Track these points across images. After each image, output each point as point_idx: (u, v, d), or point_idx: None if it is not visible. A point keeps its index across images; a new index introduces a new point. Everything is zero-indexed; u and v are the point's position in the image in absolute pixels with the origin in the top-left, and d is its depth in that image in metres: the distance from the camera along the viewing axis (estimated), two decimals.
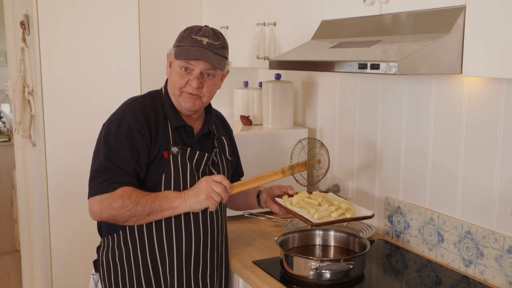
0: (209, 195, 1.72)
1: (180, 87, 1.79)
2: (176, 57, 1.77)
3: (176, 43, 1.82)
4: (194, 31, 1.79)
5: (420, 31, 1.61)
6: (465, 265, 1.85)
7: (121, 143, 1.73)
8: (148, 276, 1.80)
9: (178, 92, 1.80)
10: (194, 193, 1.73)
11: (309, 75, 2.62)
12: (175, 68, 1.80)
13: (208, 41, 1.77)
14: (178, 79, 1.79)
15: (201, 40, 1.77)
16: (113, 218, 1.72)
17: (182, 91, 1.80)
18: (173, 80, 1.81)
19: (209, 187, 1.73)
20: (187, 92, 1.79)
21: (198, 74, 1.77)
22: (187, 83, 1.78)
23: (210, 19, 2.94)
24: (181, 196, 1.74)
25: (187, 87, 1.79)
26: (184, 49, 1.77)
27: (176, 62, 1.79)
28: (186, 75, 1.78)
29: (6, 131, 5.25)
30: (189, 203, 1.73)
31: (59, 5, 2.70)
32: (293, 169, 1.93)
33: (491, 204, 1.76)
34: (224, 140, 1.95)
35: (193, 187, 1.76)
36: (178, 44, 1.80)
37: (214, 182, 1.74)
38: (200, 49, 1.76)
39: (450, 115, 1.88)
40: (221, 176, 1.77)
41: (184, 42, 1.78)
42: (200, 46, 1.76)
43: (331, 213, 1.84)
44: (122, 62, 2.86)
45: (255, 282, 1.80)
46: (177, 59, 1.77)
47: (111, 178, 1.71)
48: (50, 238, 2.79)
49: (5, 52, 4.71)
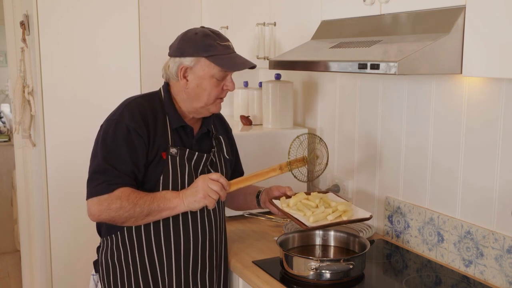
0: (207, 194, 1.72)
1: (217, 96, 1.79)
2: (226, 67, 1.74)
3: (203, 53, 1.73)
4: (217, 38, 1.76)
5: (420, 31, 1.61)
6: (465, 265, 1.85)
7: (119, 144, 1.73)
8: (147, 277, 1.80)
9: (213, 101, 1.79)
10: (192, 193, 1.73)
11: (309, 75, 2.62)
12: (207, 78, 1.75)
13: (231, 44, 1.80)
14: (215, 89, 1.77)
15: (229, 45, 1.78)
16: (112, 219, 1.72)
17: (217, 98, 1.80)
18: (205, 92, 1.77)
19: (206, 185, 1.72)
20: (220, 98, 1.81)
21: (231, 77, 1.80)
22: (223, 89, 1.79)
23: (210, 19, 2.95)
24: (179, 196, 1.73)
25: (223, 93, 1.80)
26: (226, 58, 1.75)
27: (209, 72, 1.74)
28: (220, 82, 1.78)
29: (6, 131, 5.25)
30: (187, 203, 1.73)
31: (59, 5, 2.70)
32: (291, 165, 1.92)
33: (491, 204, 1.76)
34: (222, 139, 1.95)
35: (190, 187, 1.75)
36: (212, 53, 1.73)
37: (211, 180, 1.73)
38: (238, 55, 1.79)
39: (450, 115, 1.88)
40: (217, 174, 1.76)
41: (217, 50, 1.74)
42: (232, 52, 1.79)
43: (327, 216, 1.84)
44: (122, 62, 2.86)
45: (255, 282, 1.80)
46: (229, 70, 1.75)
47: (109, 180, 1.70)
48: (50, 238, 2.80)
49: (5, 52, 4.71)
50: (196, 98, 1.78)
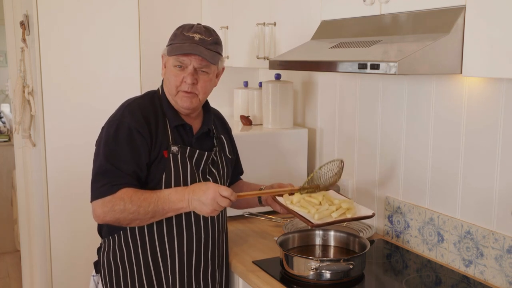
0: (214, 209, 1.71)
1: (176, 85, 1.79)
2: (169, 53, 1.79)
3: (169, 42, 1.83)
4: (186, 29, 1.80)
5: (420, 31, 1.61)
6: (465, 265, 1.85)
7: (121, 145, 1.73)
8: (150, 277, 1.80)
9: (175, 92, 1.80)
10: (200, 203, 1.70)
11: (309, 75, 2.62)
12: (169, 67, 1.81)
13: (200, 37, 1.78)
14: (173, 78, 1.79)
15: (193, 36, 1.78)
16: (117, 221, 1.72)
17: (178, 90, 1.80)
18: (168, 80, 1.82)
19: (216, 202, 1.69)
20: (183, 91, 1.80)
21: (192, 70, 1.78)
22: (182, 81, 1.79)
23: (210, 19, 2.95)
24: (185, 199, 1.71)
25: (183, 85, 1.79)
26: (176, 46, 1.78)
27: (170, 61, 1.80)
28: (181, 73, 1.78)
29: (6, 131, 5.25)
30: (192, 208, 1.72)
31: (59, 5, 2.70)
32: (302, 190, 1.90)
33: (491, 204, 1.75)
34: (224, 139, 1.95)
35: (199, 191, 1.70)
36: (171, 42, 1.81)
37: (222, 198, 1.70)
38: (192, 44, 1.77)
39: (450, 115, 1.88)
40: (228, 190, 1.71)
41: (176, 39, 1.79)
42: (192, 42, 1.77)
43: (332, 213, 1.83)
44: (122, 62, 2.86)
45: (255, 282, 1.80)
46: (169, 55, 1.78)
47: (112, 181, 1.70)
48: (50, 238, 2.79)
49: (5, 52, 4.71)
50: (166, 88, 1.84)
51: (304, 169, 2.56)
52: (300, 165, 2.55)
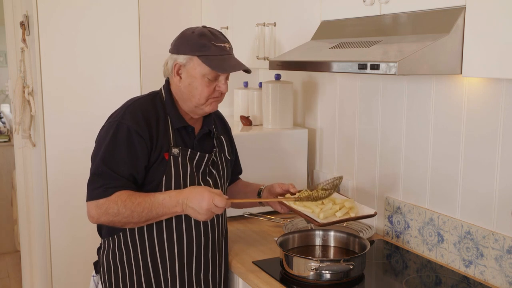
0: (208, 217, 1.72)
1: (208, 96, 1.78)
2: (216, 68, 1.72)
3: (196, 52, 1.74)
4: (213, 38, 1.75)
5: (420, 32, 1.61)
6: (465, 266, 1.85)
7: (119, 146, 1.72)
8: (149, 277, 1.79)
9: (204, 101, 1.78)
10: (195, 212, 1.70)
11: (309, 75, 2.62)
12: (199, 77, 1.75)
13: (228, 46, 1.78)
14: (206, 89, 1.76)
15: (224, 46, 1.76)
16: (111, 223, 1.73)
17: (208, 98, 1.79)
18: (196, 90, 1.77)
19: (210, 211, 1.70)
20: (213, 98, 1.79)
21: (226, 79, 1.79)
22: (215, 90, 1.78)
23: (210, 20, 2.95)
24: (179, 204, 1.71)
25: (215, 93, 1.79)
26: (218, 59, 1.73)
27: (200, 71, 1.74)
28: (212, 82, 1.77)
29: (6, 131, 5.25)
30: (187, 213, 1.73)
31: (59, 5, 2.70)
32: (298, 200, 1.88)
33: (491, 204, 1.75)
34: (223, 139, 1.95)
35: (194, 200, 1.70)
36: (204, 53, 1.73)
37: (216, 207, 1.69)
38: (232, 57, 1.77)
39: (450, 115, 1.88)
40: (223, 201, 1.70)
41: (210, 51, 1.73)
42: (227, 53, 1.76)
43: (336, 212, 1.83)
44: (122, 62, 2.86)
45: (255, 282, 1.80)
46: (220, 71, 1.74)
47: (107, 183, 1.70)
48: (50, 239, 2.79)
49: (5, 52, 4.71)
50: (189, 96, 1.79)
51: (304, 169, 2.56)
52: (300, 166, 2.55)
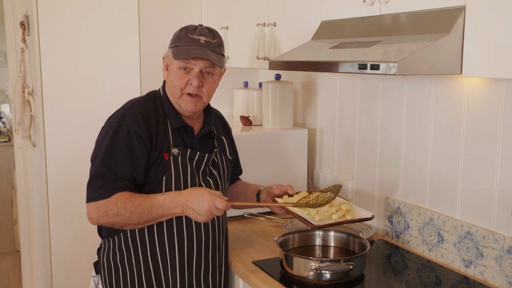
0: (208, 218, 1.72)
1: (180, 88, 1.78)
2: (175, 57, 1.76)
3: (172, 44, 1.81)
4: (190, 31, 1.78)
5: (420, 32, 1.61)
6: (465, 266, 1.85)
7: (119, 148, 1.72)
8: (150, 277, 1.79)
9: (179, 94, 1.79)
10: (195, 213, 1.70)
11: (309, 75, 2.62)
12: (173, 69, 1.79)
13: (206, 40, 1.77)
14: (178, 80, 1.78)
15: (198, 39, 1.76)
16: (111, 224, 1.73)
17: (182, 93, 1.79)
18: (172, 83, 1.80)
19: (210, 212, 1.69)
20: (187, 94, 1.78)
21: (198, 72, 1.77)
22: (187, 83, 1.77)
23: (210, 19, 2.95)
24: (179, 206, 1.71)
25: (188, 87, 1.78)
26: (182, 48, 1.76)
27: (174, 63, 1.78)
28: (186, 75, 1.77)
29: (6, 132, 5.25)
30: (187, 214, 1.73)
31: (59, 6, 2.70)
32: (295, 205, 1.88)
33: (491, 204, 1.75)
34: (224, 140, 1.95)
35: (194, 202, 1.69)
36: (175, 44, 1.79)
37: (216, 209, 1.69)
38: (199, 47, 1.75)
39: (450, 115, 1.88)
40: (223, 204, 1.69)
41: (181, 42, 1.77)
42: (198, 45, 1.76)
43: (332, 215, 1.84)
44: (122, 62, 2.86)
45: (255, 282, 1.80)
46: (177, 59, 1.76)
47: (107, 185, 1.70)
48: (50, 238, 2.79)
49: (5, 52, 4.71)
50: (171, 91, 1.82)
51: (304, 170, 2.56)
52: (300, 166, 2.55)
